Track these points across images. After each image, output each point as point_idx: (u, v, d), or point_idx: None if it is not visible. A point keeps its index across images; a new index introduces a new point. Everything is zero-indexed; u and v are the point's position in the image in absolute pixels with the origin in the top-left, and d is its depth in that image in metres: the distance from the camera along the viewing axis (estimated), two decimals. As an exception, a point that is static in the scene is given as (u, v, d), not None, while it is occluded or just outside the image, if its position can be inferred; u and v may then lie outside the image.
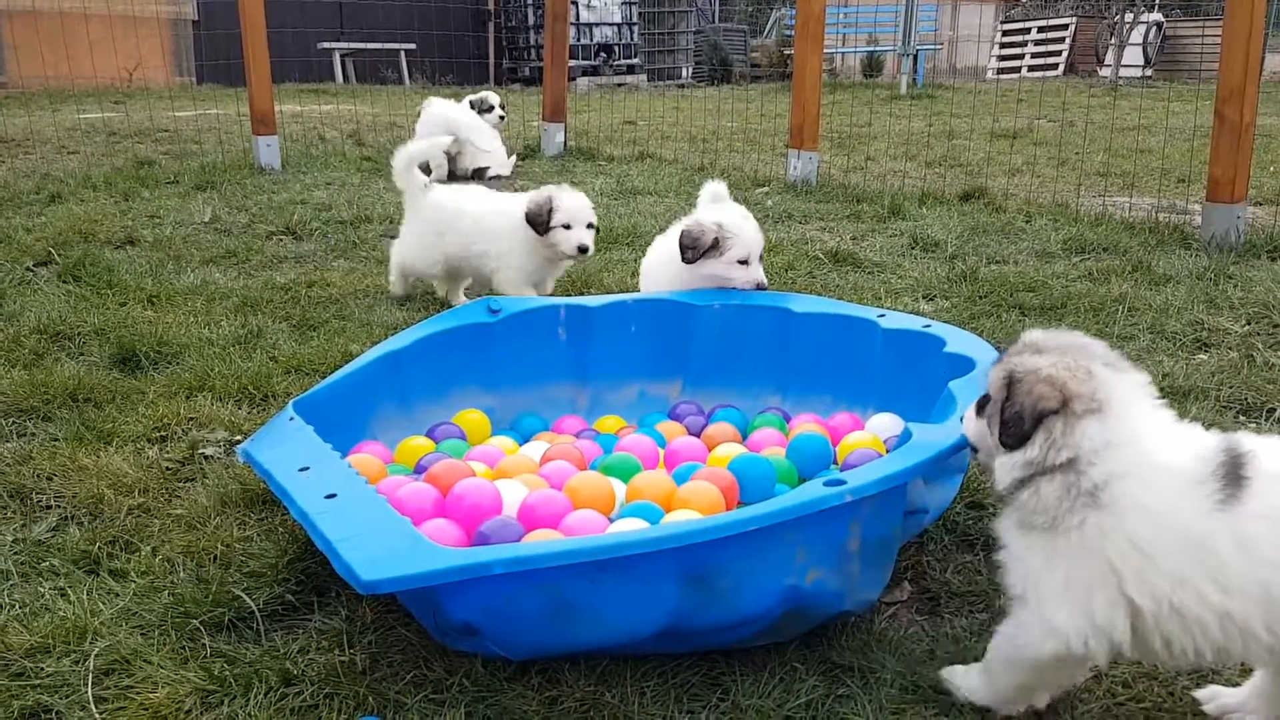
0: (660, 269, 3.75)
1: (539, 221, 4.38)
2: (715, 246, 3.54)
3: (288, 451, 2.45)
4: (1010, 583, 1.92)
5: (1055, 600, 1.82)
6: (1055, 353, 1.91)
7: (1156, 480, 1.78)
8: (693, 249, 3.55)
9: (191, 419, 3.44)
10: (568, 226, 4.39)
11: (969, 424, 2.12)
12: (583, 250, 4.41)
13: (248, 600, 2.38)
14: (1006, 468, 1.91)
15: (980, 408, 2.07)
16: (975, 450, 2.13)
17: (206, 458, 3.19)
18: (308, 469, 2.31)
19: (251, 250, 5.82)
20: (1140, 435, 1.83)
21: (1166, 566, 1.75)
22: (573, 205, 4.41)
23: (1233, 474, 1.75)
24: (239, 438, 3.27)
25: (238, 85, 9.83)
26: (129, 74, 15.29)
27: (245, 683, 2.11)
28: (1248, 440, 1.81)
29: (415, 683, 2.14)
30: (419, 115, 8.89)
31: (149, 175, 7.98)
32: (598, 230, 4.57)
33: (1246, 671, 2.08)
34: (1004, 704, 2.00)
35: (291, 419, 2.64)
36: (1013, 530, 1.92)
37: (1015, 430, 1.87)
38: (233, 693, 2.09)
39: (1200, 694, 2.09)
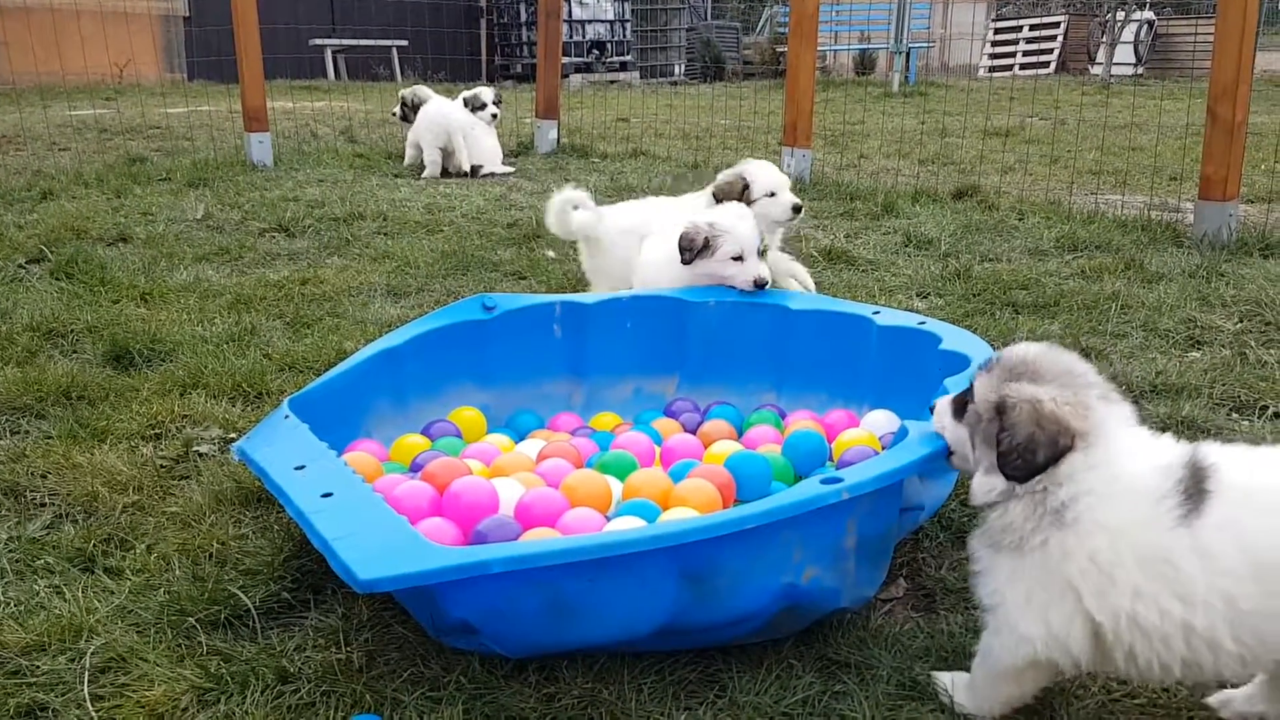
0: (663, 269, 3.71)
1: (732, 196, 4.18)
2: (707, 246, 3.52)
3: (283, 449, 2.44)
4: (982, 595, 1.96)
5: (1019, 611, 1.87)
6: (1054, 383, 1.90)
7: (1117, 498, 1.80)
8: (688, 250, 3.54)
9: (185, 416, 3.44)
10: (772, 194, 4.27)
11: (947, 426, 2.12)
12: (796, 210, 4.32)
13: (244, 598, 2.38)
14: (986, 486, 1.93)
15: (959, 411, 2.08)
16: (951, 453, 2.14)
17: (201, 455, 3.19)
18: (304, 467, 2.31)
19: (244, 247, 5.81)
20: (1111, 459, 1.84)
21: (1124, 582, 1.77)
22: (766, 175, 4.29)
23: (1195, 488, 1.76)
24: (233, 435, 3.26)
25: (229, 82, 9.78)
26: (120, 70, 15.20)
27: (242, 680, 2.11)
28: (1214, 452, 1.82)
29: (412, 680, 2.14)
30: (400, 104, 8.82)
31: (141, 172, 7.95)
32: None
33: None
34: (983, 713, 2.03)
35: (287, 417, 2.64)
36: (983, 547, 1.96)
37: (1024, 464, 1.85)
38: (229, 690, 2.09)
39: (1213, 700, 2.09)
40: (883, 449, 2.71)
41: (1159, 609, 1.75)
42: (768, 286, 3.54)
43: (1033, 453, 1.84)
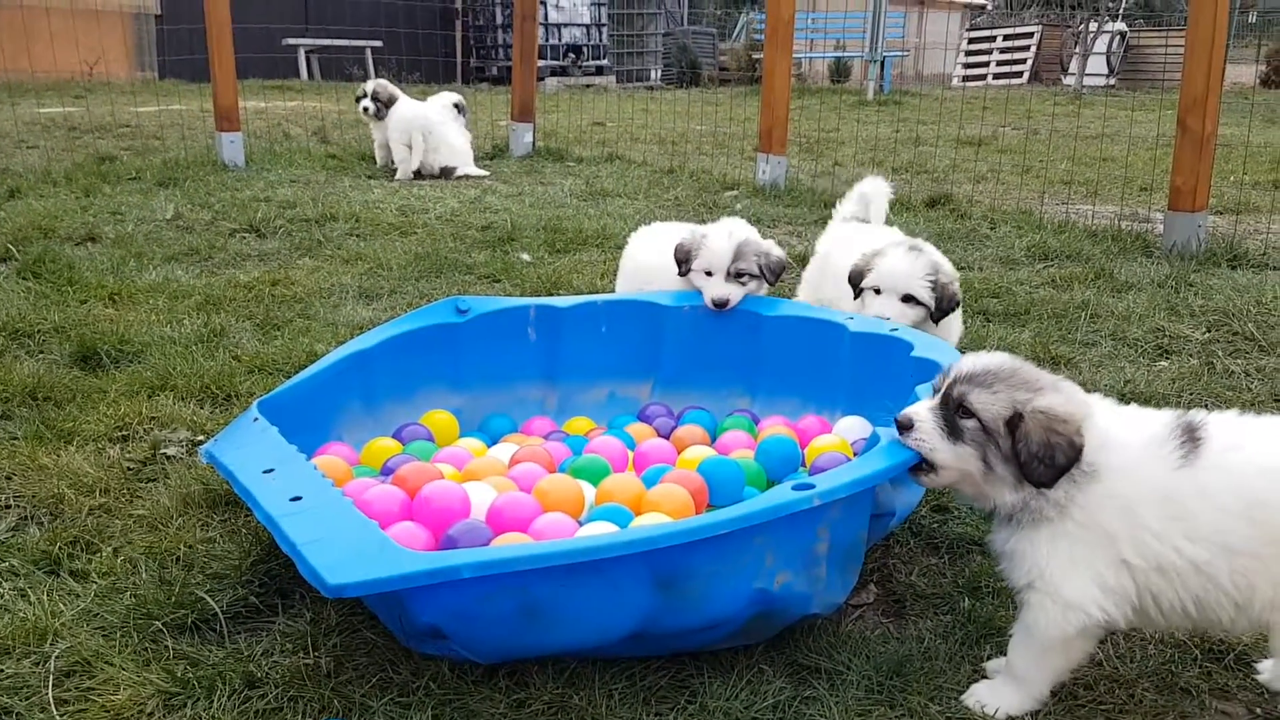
0: (667, 272, 3.65)
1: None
2: (688, 258, 3.50)
3: (252, 453, 2.42)
4: (1017, 578, 2.04)
5: (1065, 578, 1.98)
6: (1048, 388, 2.03)
7: (1127, 446, 1.98)
8: (680, 262, 3.52)
9: (153, 418, 3.40)
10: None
11: (940, 448, 2.09)
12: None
13: (211, 602, 2.36)
14: (1007, 492, 2.03)
15: (951, 429, 2.07)
16: (931, 470, 2.13)
17: (168, 458, 3.15)
18: (273, 470, 2.29)
19: (214, 248, 5.76)
20: (1110, 421, 2.02)
21: (1150, 521, 1.93)
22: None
23: (1190, 435, 1.96)
24: (201, 438, 3.23)
25: (201, 81, 9.72)
26: (90, 68, 15.06)
27: (208, 685, 2.09)
28: (1199, 414, 2.02)
29: (381, 686, 2.12)
30: (370, 98, 8.68)
31: (110, 171, 7.87)
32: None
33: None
34: (1040, 699, 2.09)
35: (255, 419, 2.61)
36: (1015, 535, 2.04)
37: (1048, 469, 1.96)
38: (196, 695, 2.07)
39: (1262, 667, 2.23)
40: (854, 455, 2.72)
41: (1174, 546, 1.92)
42: (726, 307, 3.43)
43: (1052, 457, 1.96)
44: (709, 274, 3.46)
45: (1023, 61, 23.27)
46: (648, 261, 3.78)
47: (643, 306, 3.57)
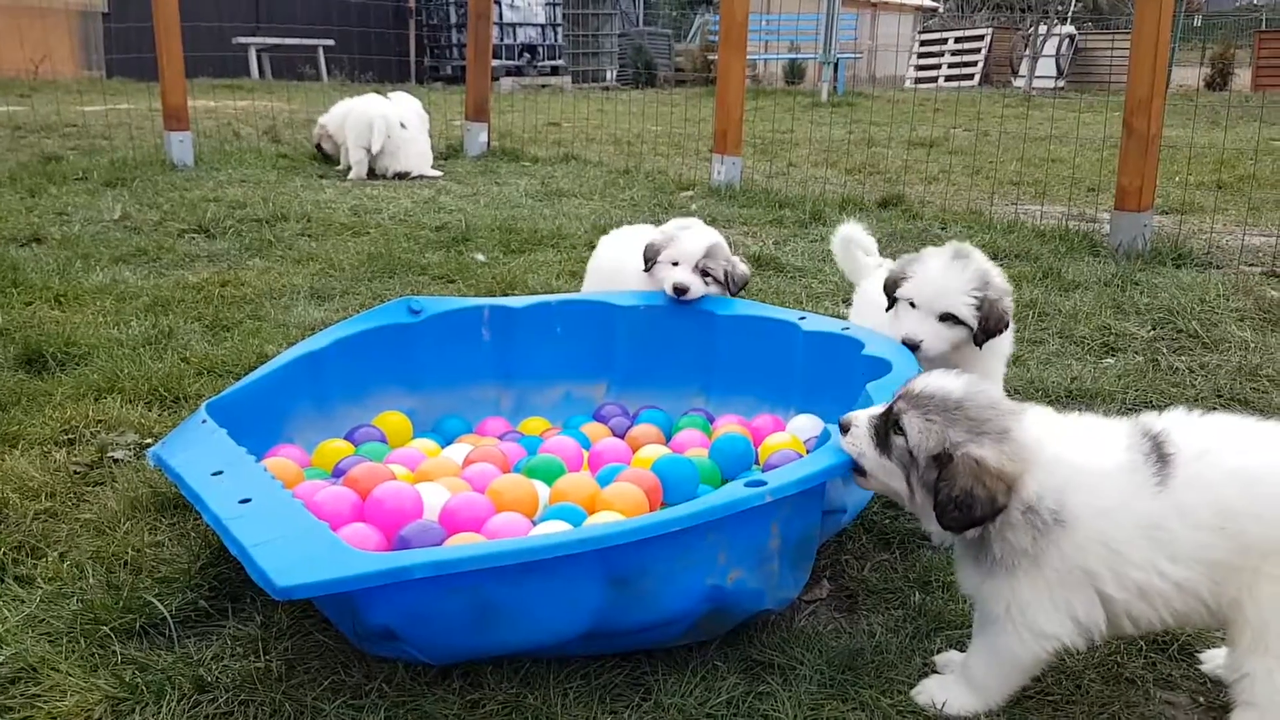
0: (635, 274, 3.62)
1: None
2: (657, 254, 3.50)
3: (200, 455, 2.39)
4: (990, 610, 2.03)
5: (1042, 613, 1.97)
6: (989, 434, 1.95)
7: (1101, 483, 1.93)
8: (647, 260, 3.51)
9: (100, 421, 3.35)
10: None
11: (868, 454, 2.10)
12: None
13: (159, 606, 2.32)
14: (930, 523, 2.03)
15: (883, 441, 2.07)
16: (862, 473, 2.14)
17: (116, 461, 3.11)
18: (221, 473, 2.26)
19: (163, 248, 5.68)
20: (1066, 453, 1.96)
21: (1134, 555, 1.91)
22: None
23: (1159, 454, 1.93)
24: (149, 440, 3.19)
25: (149, 79, 9.58)
26: (36, 66, 14.78)
27: (157, 690, 2.06)
28: (1155, 421, 2.00)
29: (333, 688, 2.11)
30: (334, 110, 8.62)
31: (56, 171, 7.74)
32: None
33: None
34: (993, 707, 2.10)
35: (204, 421, 2.58)
36: (987, 579, 2.01)
37: (960, 518, 1.94)
38: (144, 700, 2.05)
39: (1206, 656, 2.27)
40: (807, 453, 2.74)
41: (1159, 571, 1.91)
42: (686, 295, 3.43)
43: (970, 508, 1.92)
44: (675, 264, 3.47)
45: (974, 64, 23.56)
46: (616, 264, 3.78)
47: (597, 306, 3.57)
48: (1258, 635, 1.91)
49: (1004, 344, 3.00)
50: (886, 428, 2.06)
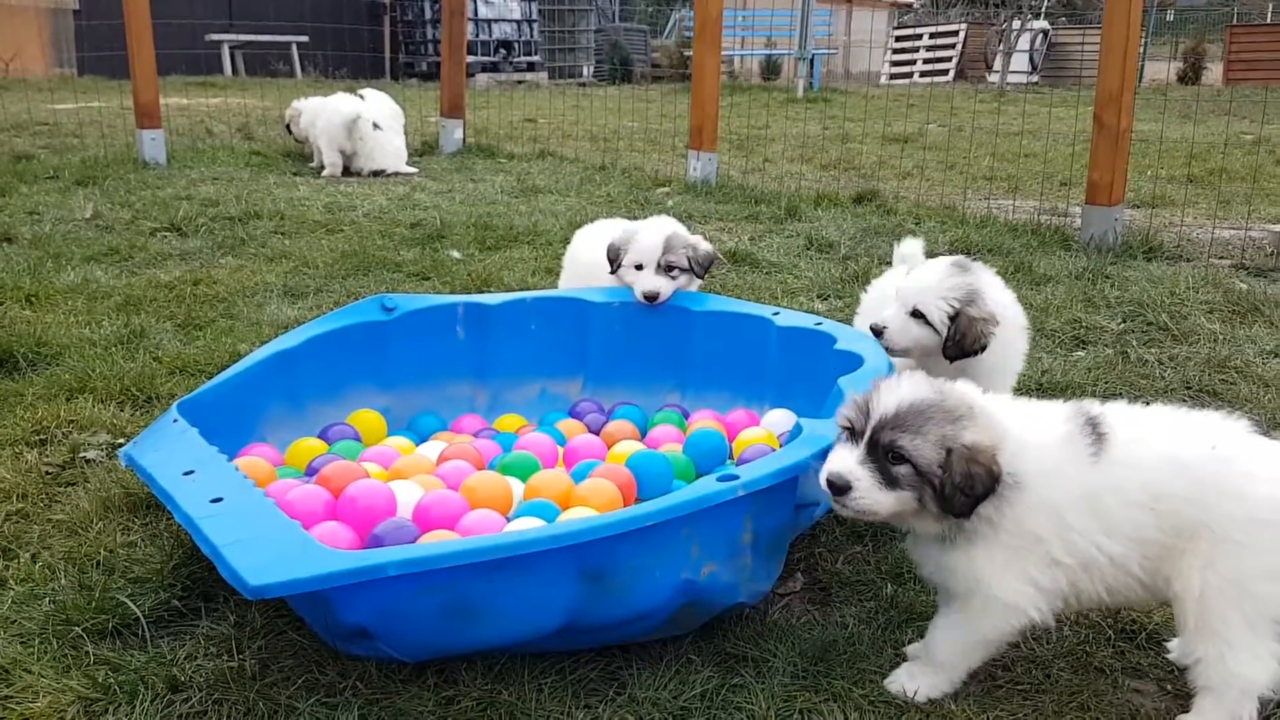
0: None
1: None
2: (618, 256, 3.51)
3: (171, 454, 2.38)
4: (954, 587, 2.07)
5: (1003, 584, 2.01)
6: (963, 419, 1.98)
7: (1043, 451, 2.00)
8: (610, 260, 3.52)
9: (72, 421, 3.33)
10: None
11: (882, 502, 1.99)
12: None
13: (132, 606, 2.32)
14: (932, 521, 2.03)
15: (886, 479, 1.98)
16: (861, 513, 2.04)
17: (88, 461, 3.09)
18: (193, 472, 2.25)
19: (135, 247, 5.64)
20: (1013, 426, 2.02)
21: (1075, 522, 1.98)
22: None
23: (1095, 432, 2.00)
24: (121, 440, 3.17)
25: (121, 77, 9.49)
26: (5, 64, 14.63)
27: (130, 690, 2.06)
28: (1092, 405, 2.07)
29: (307, 687, 2.11)
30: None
31: (27, 170, 7.67)
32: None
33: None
34: (956, 684, 2.14)
35: (175, 421, 2.57)
36: (947, 552, 2.05)
37: (967, 500, 1.95)
38: (117, 700, 2.04)
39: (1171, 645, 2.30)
40: (780, 447, 2.76)
41: (1095, 543, 1.98)
42: (657, 300, 3.43)
43: (972, 488, 1.94)
44: (639, 268, 3.47)
45: (948, 59, 23.67)
46: (592, 258, 3.78)
47: (571, 303, 3.57)
48: (1201, 619, 1.95)
49: (998, 370, 2.91)
50: (884, 463, 1.98)
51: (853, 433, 2.02)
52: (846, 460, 2.00)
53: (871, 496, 1.99)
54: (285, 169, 8.63)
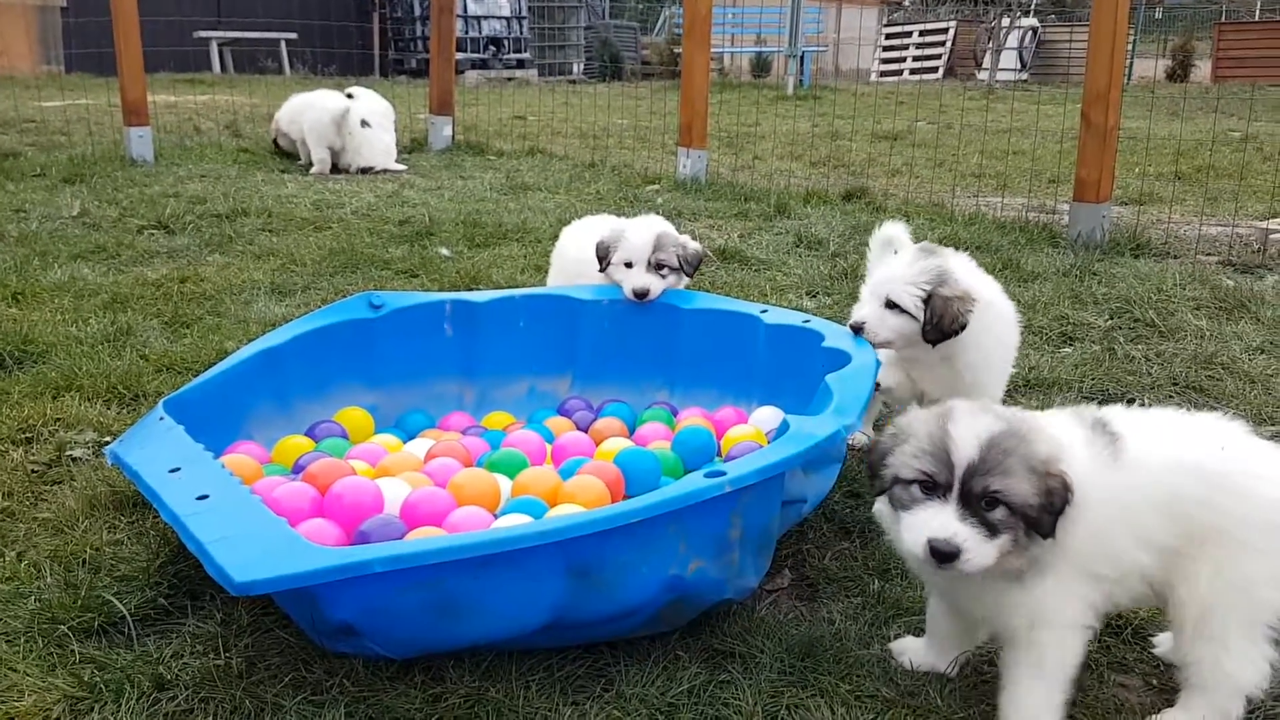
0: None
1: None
2: (608, 253, 3.51)
3: (157, 452, 2.37)
4: (1015, 624, 1.93)
5: (1065, 606, 1.92)
6: (1039, 437, 1.87)
7: (1080, 457, 1.90)
8: (599, 258, 3.53)
9: (58, 420, 3.32)
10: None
11: (990, 553, 1.82)
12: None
13: (118, 605, 2.31)
14: (1015, 557, 1.86)
15: (987, 529, 1.82)
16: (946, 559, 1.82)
17: (74, 459, 3.08)
18: (179, 470, 2.25)
19: (122, 245, 5.62)
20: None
21: (1114, 531, 1.90)
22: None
23: (1107, 434, 1.95)
24: (108, 439, 3.15)
25: (109, 75, 9.41)
26: (-9, 61, 14.55)
27: (116, 689, 2.05)
28: (1096, 410, 2.03)
29: (294, 685, 2.10)
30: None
31: (13, 168, 7.63)
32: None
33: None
34: None
35: (161, 419, 2.56)
36: (1011, 586, 1.91)
37: (1053, 518, 1.83)
38: (103, 699, 2.04)
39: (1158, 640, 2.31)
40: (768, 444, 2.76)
41: (1129, 553, 1.92)
42: (648, 298, 3.45)
43: (1053, 505, 1.83)
44: (629, 265, 3.48)
45: (938, 57, 23.70)
46: (580, 254, 3.78)
47: (560, 301, 3.57)
48: (1201, 623, 1.93)
49: (987, 359, 2.92)
50: (979, 513, 1.81)
51: (933, 486, 1.83)
52: (946, 522, 1.80)
53: (981, 554, 1.80)
54: (273, 166, 8.60)
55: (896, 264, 2.87)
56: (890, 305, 2.83)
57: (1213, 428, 2.01)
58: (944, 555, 1.80)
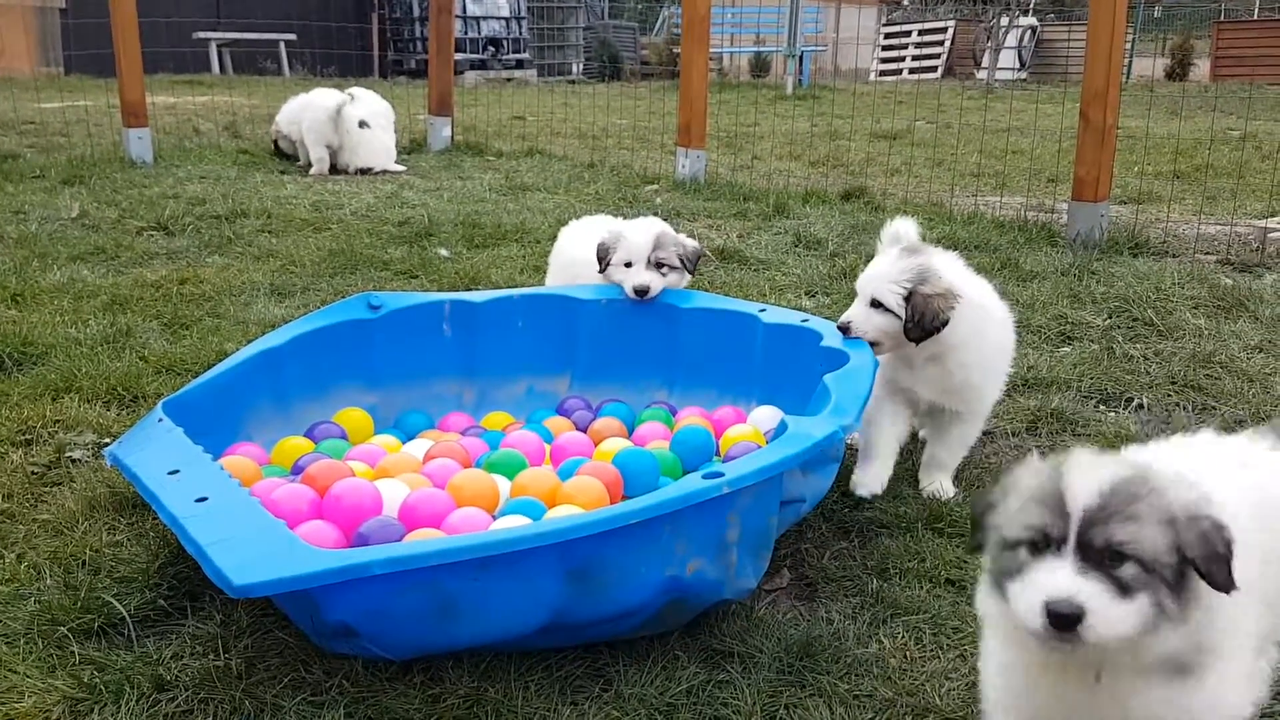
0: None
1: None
2: (608, 254, 3.52)
3: (156, 454, 2.38)
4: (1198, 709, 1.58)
5: (1247, 690, 1.63)
6: (1173, 477, 1.57)
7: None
8: (600, 259, 3.54)
9: (58, 421, 3.32)
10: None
11: (1124, 618, 1.48)
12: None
13: (118, 606, 2.32)
14: (1170, 631, 1.52)
15: (1118, 587, 1.48)
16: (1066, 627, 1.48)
17: (74, 461, 3.09)
18: (178, 472, 2.25)
19: (121, 246, 5.62)
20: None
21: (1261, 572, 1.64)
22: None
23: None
24: (107, 440, 3.16)
25: (109, 76, 9.40)
26: (-9, 62, 14.56)
27: (116, 690, 2.06)
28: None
29: (293, 685, 2.11)
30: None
31: (13, 169, 7.63)
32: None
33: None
34: None
35: (160, 420, 2.57)
36: (1174, 680, 1.56)
37: (1224, 563, 1.51)
38: (103, 700, 2.04)
39: None
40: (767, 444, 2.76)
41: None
42: (649, 295, 3.46)
43: (1215, 550, 1.50)
44: (629, 265, 3.49)
45: (937, 56, 23.70)
46: (578, 255, 3.78)
47: (559, 300, 3.58)
48: None
49: (978, 356, 2.89)
50: (1104, 568, 1.49)
51: (1045, 542, 1.52)
52: (1062, 580, 1.48)
53: (1113, 615, 1.47)
54: (272, 167, 8.61)
55: (881, 263, 2.90)
56: (875, 304, 2.85)
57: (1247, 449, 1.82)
58: (1066, 620, 1.46)
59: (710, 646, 2.27)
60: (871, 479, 2.90)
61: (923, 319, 2.77)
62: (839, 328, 2.92)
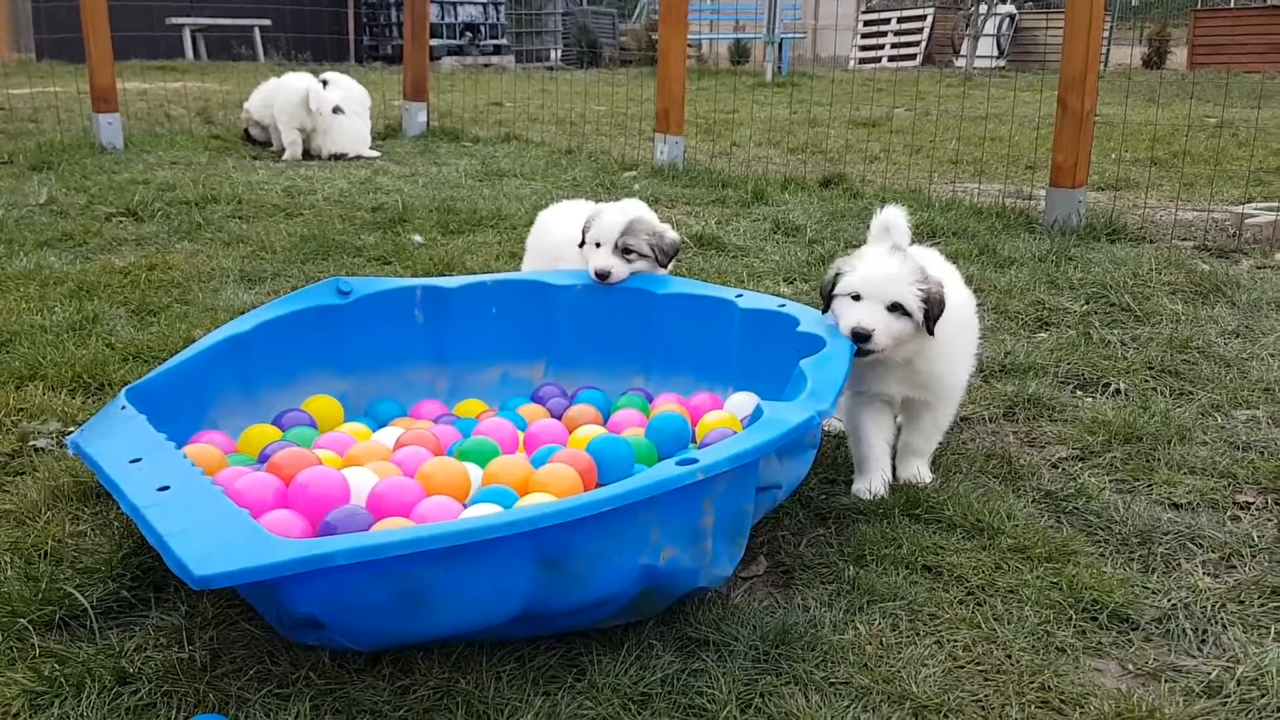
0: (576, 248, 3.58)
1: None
2: (585, 231, 3.47)
3: (118, 442, 2.32)
4: None
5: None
6: None
7: None
8: (582, 233, 3.48)
9: (22, 409, 3.26)
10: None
11: None
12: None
13: (80, 597, 2.26)
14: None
15: None
16: None
17: (37, 450, 3.02)
18: (140, 460, 2.20)
19: (89, 232, 5.53)
20: None
21: None
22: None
23: None
24: (72, 429, 3.09)
25: (80, 62, 9.29)
26: (-42, 47, 14.32)
27: (77, 683, 2.01)
28: None
29: (259, 678, 2.06)
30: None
31: (-20, 155, 7.51)
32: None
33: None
34: None
35: (124, 408, 2.51)
36: None
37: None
38: (63, 694, 1.99)
39: None
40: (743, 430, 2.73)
41: None
42: (609, 280, 3.39)
43: None
44: (598, 245, 3.44)
45: (916, 44, 23.71)
46: (558, 237, 3.72)
47: (533, 286, 3.53)
48: None
49: (948, 343, 2.89)
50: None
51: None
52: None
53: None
54: (244, 153, 8.51)
55: (889, 267, 2.75)
56: (894, 308, 2.72)
57: None
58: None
59: (685, 635, 2.24)
60: (876, 485, 2.90)
61: (932, 310, 2.72)
62: (855, 336, 2.74)
